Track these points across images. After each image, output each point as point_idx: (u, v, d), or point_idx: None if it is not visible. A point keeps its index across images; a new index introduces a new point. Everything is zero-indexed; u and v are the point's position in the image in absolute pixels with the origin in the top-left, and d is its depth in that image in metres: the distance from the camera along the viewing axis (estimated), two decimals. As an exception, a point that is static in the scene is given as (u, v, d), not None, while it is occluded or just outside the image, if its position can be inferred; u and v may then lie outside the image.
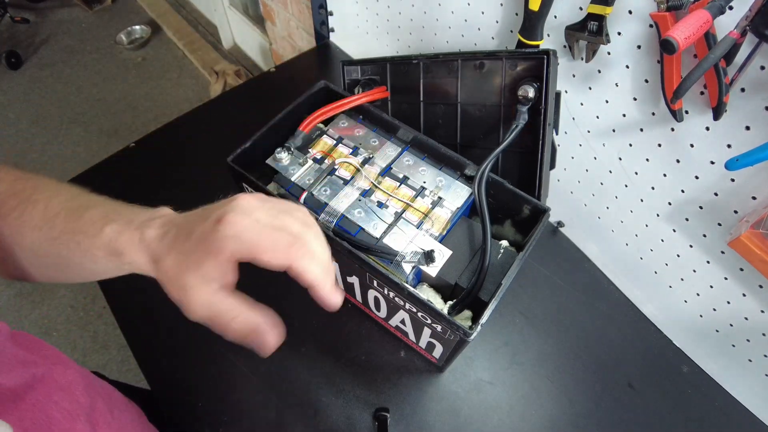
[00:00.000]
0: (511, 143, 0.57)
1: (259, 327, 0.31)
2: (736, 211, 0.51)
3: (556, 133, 0.62)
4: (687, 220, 0.57)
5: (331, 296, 0.32)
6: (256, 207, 0.31)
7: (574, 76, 0.60)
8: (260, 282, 0.73)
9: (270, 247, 0.29)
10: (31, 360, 0.34)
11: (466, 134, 0.66)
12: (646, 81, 0.52)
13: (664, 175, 0.57)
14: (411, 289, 0.47)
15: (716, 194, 0.52)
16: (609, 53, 0.54)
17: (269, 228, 0.30)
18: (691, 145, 0.51)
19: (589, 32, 0.52)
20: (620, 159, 0.61)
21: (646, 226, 0.63)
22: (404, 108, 0.71)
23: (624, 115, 0.57)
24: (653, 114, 0.54)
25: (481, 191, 0.54)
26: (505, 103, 0.60)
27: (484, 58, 0.59)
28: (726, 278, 0.56)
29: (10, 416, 0.28)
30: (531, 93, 0.55)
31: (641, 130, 0.56)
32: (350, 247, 0.50)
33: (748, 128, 0.45)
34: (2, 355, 0.33)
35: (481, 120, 0.64)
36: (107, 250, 0.34)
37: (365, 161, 0.59)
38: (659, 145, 0.55)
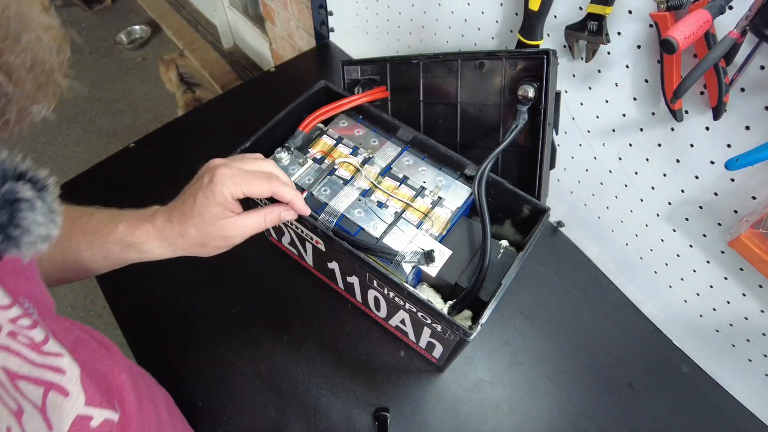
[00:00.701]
0: (511, 143, 0.57)
1: (282, 209, 0.44)
2: (736, 211, 0.51)
3: (556, 133, 0.62)
4: (687, 219, 0.57)
5: (304, 208, 0.45)
6: (231, 161, 0.41)
7: (574, 75, 0.60)
8: (265, 285, 0.73)
9: (256, 183, 0.40)
10: (67, 326, 0.36)
11: (466, 134, 0.66)
12: (646, 81, 0.52)
13: (664, 174, 0.56)
14: (411, 288, 0.47)
15: (716, 194, 0.52)
16: (609, 53, 0.54)
17: (250, 172, 0.41)
18: (691, 145, 0.51)
19: (589, 32, 0.52)
20: (620, 159, 0.61)
21: (646, 225, 0.63)
22: (404, 108, 0.71)
23: (624, 115, 0.57)
24: (653, 114, 0.54)
25: (481, 191, 0.54)
26: (505, 103, 0.60)
27: (484, 58, 0.59)
28: (726, 278, 0.56)
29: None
30: (531, 93, 0.55)
31: (641, 129, 0.56)
32: (350, 247, 0.50)
33: (747, 128, 0.45)
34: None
35: (481, 120, 0.64)
36: (123, 245, 0.41)
37: (365, 161, 0.59)
38: (659, 145, 0.55)
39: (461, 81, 0.63)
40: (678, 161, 0.54)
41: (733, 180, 0.49)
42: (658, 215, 0.61)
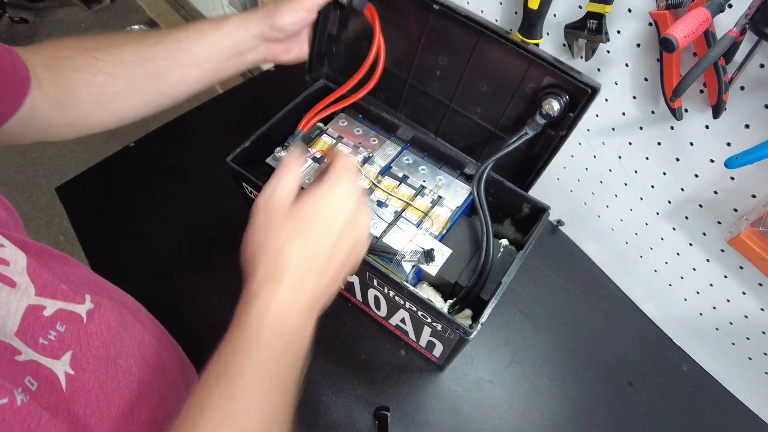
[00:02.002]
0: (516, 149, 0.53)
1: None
2: (735, 209, 0.51)
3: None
4: (687, 218, 0.57)
5: None
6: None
7: (573, 74, 0.60)
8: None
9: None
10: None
11: (463, 101, 0.58)
12: (646, 79, 0.52)
13: (664, 173, 0.57)
14: (411, 287, 0.47)
15: (716, 192, 0.52)
16: (608, 52, 0.54)
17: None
18: (691, 144, 0.51)
19: (589, 31, 0.52)
20: (620, 157, 0.61)
21: (646, 224, 0.63)
22: (397, 42, 0.58)
23: (623, 114, 0.57)
24: (653, 112, 0.54)
25: (481, 192, 0.54)
26: (519, 93, 0.53)
27: (526, 55, 0.49)
28: (726, 276, 0.56)
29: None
30: (556, 109, 0.48)
31: (641, 128, 0.56)
32: (350, 246, 0.50)
33: (747, 126, 0.45)
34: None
35: (486, 95, 0.56)
36: (208, 26, 0.51)
37: (365, 160, 0.59)
38: (659, 144, 0.55)
39: (478, 50, 0.53)
40: (678, 160, 0.54)
41: (732, 178, 0.49)
42: (657, 214, 0.61)
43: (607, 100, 0.58)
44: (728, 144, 0.48)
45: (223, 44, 0.50)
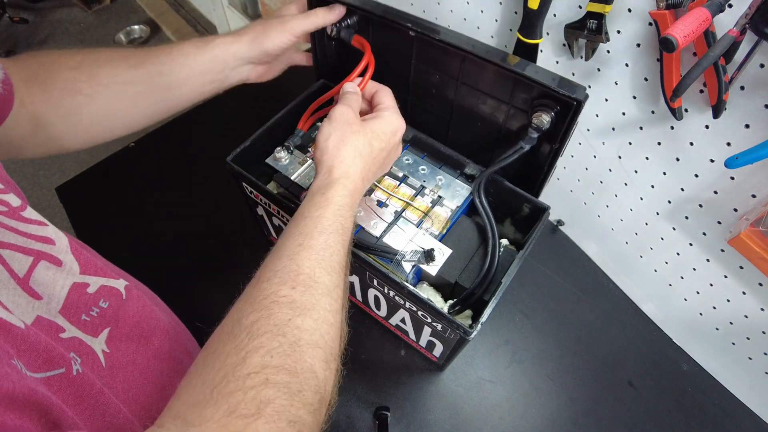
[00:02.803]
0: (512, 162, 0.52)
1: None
2: (735, 209, 0.51)
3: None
4: (687, 218, 0.57)
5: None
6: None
7: (573, 74, 0.60)
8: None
9: None
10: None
11: (462, 115, 0.58)
12: (646, 79, 0.52)
13: (664, 173, 0.57)
14: (411, 287, 0.47)
15: (716, 192, 0.52)
16: (608, 52, 0.54)
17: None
18: (691, 144, 0.51)
19: (589, 30, 0.52)
20: (620, 157, 0.61)
21: (646, 224, 0.63)
22: (391, 64, 0.58)
23: (623, 114, 0.57)
24: (653, 112, 0.54)
25: (483, 201, 0.54)
26: (514, 104, 0.52)
27: (500, 69, 0.48)
28: (726, 276, 0.56)
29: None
30: (546, 122, 0.48)
31: (641, 128, 0.56)
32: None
33: (747, 126, 0.45)
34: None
35: (481, 109, 0.56)
36: (197, 44, 0.50)
37: (365, 160, 0.59)
38: (659, 144, 0.55)
39: (464, 69, 0.53)
40: (678, 160, 0.54)
41: (732, 178, 0.49)
42: (657, 214, 0.61)
43: (607, 100, 0.58)
44: (728, 144, 0.48)
45: (207, 68, 0.50)
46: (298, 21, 0.52)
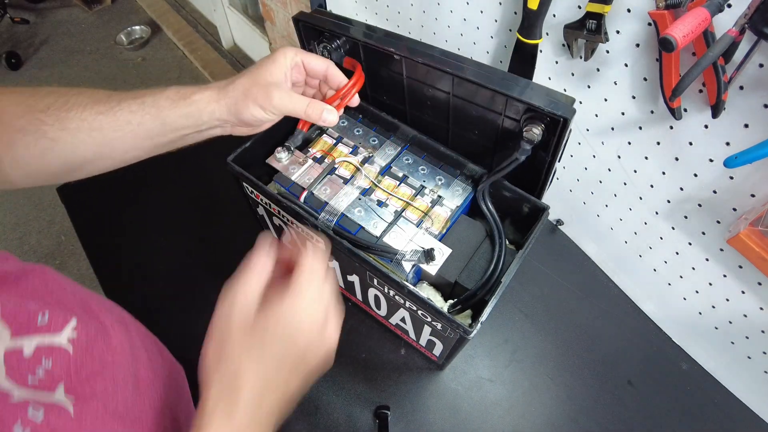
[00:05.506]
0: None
1: (326, 107, 0.45)
2: (734, 209, 0.51)
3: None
4: (686, 217, 0.57)
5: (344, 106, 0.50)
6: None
7: (572, 74, 0.60)
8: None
9: (315, 57, 0.47)
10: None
11: (459, 124, 0.59)
12: (645, 79, 0.52)
13: (663, 173, 0.57)
14: (411, 287, 0.48)
15: (715, 192, 0.52)
16: (608, 52, 0.54)
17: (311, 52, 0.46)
18: (690, 143, 0.52)
19: (588, 31, 0.52)
20: (619, 157, 0.61)
21: (645, 223, 0.63)
22: (386, 80, 0.59)
23: (623, 114, 0.57)
24: (652, 112, 0.54)
25: (489, 205, 0.55)
26: (507, 115, 0.53)
27: (486, 90, 0.49)
28: (725, 275, 0.56)
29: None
30: (537, 135, 0.48)
31: (640, 128, 0.56)
32: (350, 245, 0.50)
33: (746, 126, 0.46)
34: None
35: (476, 119, 0.57)
36: (174, 98, 0.44)
37: (365, 160, 0.59)
38: (658, 143, 0.55)
39: (456, 84, 0.54)
40: (677, 159, 0.54)
41: (732, 178, 0.49)
42: (657, 213, 0.61)
43: (606, 99, 0.58)
44: (727, 143, 0.48)
45: (180, 124, 0.46)
46: (286, 101, 0.44)
